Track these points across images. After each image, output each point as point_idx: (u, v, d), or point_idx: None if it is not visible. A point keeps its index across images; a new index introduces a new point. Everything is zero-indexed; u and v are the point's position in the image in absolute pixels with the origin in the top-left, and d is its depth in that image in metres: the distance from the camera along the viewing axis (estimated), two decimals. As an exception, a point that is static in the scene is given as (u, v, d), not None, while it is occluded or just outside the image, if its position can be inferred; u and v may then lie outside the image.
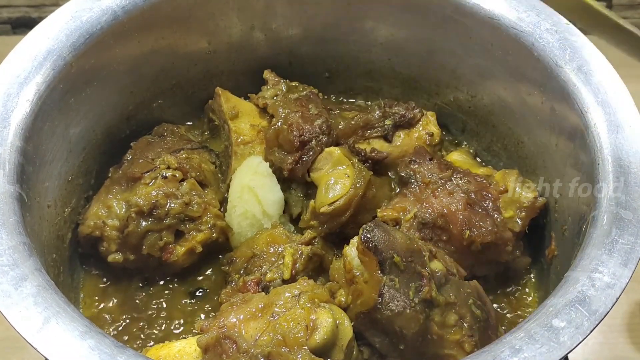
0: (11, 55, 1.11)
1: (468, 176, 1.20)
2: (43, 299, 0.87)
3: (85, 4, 1.18)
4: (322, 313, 0.95)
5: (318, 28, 1.40)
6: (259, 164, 1.28)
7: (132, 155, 1.27)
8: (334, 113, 1.35)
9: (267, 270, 1.14)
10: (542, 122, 1.21)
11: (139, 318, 1.20)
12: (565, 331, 0.84)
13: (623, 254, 0.91)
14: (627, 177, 1.00)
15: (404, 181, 1.21)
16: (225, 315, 0.98)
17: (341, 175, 1.21)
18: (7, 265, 0.89)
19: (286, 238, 1.18)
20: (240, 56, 1.43)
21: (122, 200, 1.19)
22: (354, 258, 1.00)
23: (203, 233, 1.21)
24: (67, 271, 1.21)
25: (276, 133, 1.26)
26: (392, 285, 0.95)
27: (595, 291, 0.88)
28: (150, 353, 1.05)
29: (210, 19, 1.33)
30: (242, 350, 0.92)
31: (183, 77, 1.40)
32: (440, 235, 1.14)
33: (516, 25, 1.17)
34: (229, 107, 1.35)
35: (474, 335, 0.99)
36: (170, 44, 1.32)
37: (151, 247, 1.18)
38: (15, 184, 1.00)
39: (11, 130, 1.03)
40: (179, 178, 1.21)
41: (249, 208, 1.24)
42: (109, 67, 1.23)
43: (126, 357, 0.82)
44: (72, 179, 1.22)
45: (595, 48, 1.14)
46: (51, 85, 1.10)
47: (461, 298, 1.01)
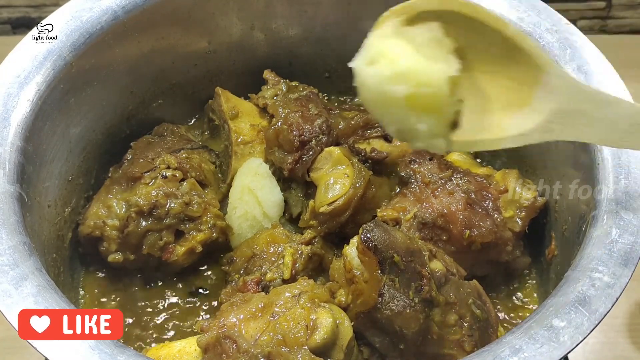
0: (11, 55, 1.11)
1: (468, 176, 1.20)
2: (43, 299, 0.87)
3: (85, 4, 1.18)
4: (322, 313, 0.95)
5: (318, 28, 1.40)
6: (259, 165, 1.28)
7: (132, 155, 1.27)
8: (334, 113, 1.35)
9: (267, 270, 1.14)
10: (542, 122, 1.21)
11: (138, 318, 1.20)
12: (566, 331, 0.84)
13: (623, 253, 0.91)
14: (627, 177, 1.00)
15: (404, 181, 1.21)
16: (225, 315, 0.98)
17: (341, 175, 1.21)
18: (8, 265, 0.90)
19: (286, 238, 1.18)
20: (240, 56, 1.43)
21: (122, 200, 1.19)
22: (354, 258, 1.00)
23: (203, 233, 1.21)
24: (67, 271, 1.21)
25: (276, 133, 1.27)
26: (392, 285, 0.95)
27: (595, 291, 0.88)
28: (151, 353, 1.05)
29: (210, 19, 1.33)
30: (242, 350, 0.92)
31: (183, 77, 1.40)
32: (440, 235, 1.14)
33: (516, 25, 1.17)
34: (229, 107, 1.35)
35: (474, 335, 0.99)
36: (170, 44, 1.32)
37: (151, 246, 1.18)
38: (15, 183, 1.00)
39: (11, 130, 1.03)
40: (179, 178, 1.22)
41: (249, 209, 1.25)
42: (109, 67, 1.23)
43: (126, 356, 0.82)
44: (72, 179, 1.22)
45: (596, 48, 1.14)
46: (51, 85, 1.10)
47: (461, 298, 1.01)
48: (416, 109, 0.81)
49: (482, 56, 0.86)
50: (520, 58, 0.84)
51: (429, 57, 0.80)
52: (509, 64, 0.85)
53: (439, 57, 0.81)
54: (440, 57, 0.81)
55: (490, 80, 0.87)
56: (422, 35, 0.81)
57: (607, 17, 2.24)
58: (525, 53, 0.84)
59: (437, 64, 0.80)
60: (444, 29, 0.81)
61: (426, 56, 0.80)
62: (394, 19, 0.82)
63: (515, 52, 0.84)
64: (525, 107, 0.86)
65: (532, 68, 0.84)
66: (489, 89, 0.87)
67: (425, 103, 0.81)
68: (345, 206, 1.18)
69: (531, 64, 0.84)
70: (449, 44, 0.82)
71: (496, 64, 0.86)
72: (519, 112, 0.87)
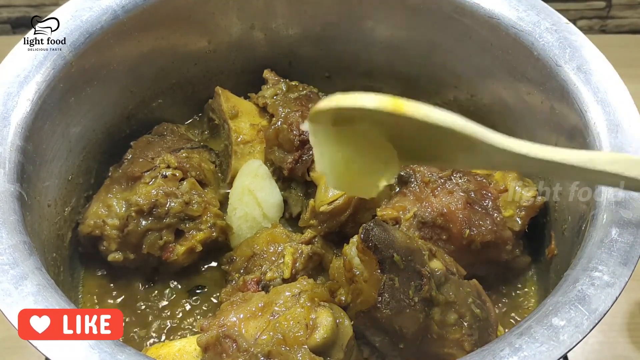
0: (11, 55, 1.11)
1: (468, 175, 1.20)
2: (43, 298, 0.87)
3: (85, 3, 1.18)
4: (322, 312, 0.95)
5: (318, 28, 1.40)
6: (259, 167, 1.28)
7: (132, 154, 1.27)
8: (334, 112, 1.35)
9: (267, 270, 1.14)
10: (541, 121, 1.21)
11: (138, 317, 1.20)
12: (565, 330, 0.84)
13: (623, 253, 0.91)
14: (626, 176, 1.00)
15: (403, 180, 1.21)
16: (225, 314, 0.98)
17: (341, 174, 1.21)
18: (8, 264, 0.90)
19: (286, 237, 1.18)
20: (240, 56, 1.43)
21: (122, 200, 1.19)
22: (354, 257, 1.00)
23: (203, 232, 1.21)
24: (67, 270, 1.21)
25: (276, 132, 1.27)
26: (391, 284, 0.95)
27: (595, 290, 0.88)
28: (151, 352, 1.05)
29: (210, 18, 1.33)
30: (242, 349, 0.92)
31: (183, 77, 1.40)
32: (440, 234, 1.14)
33: (516, 25, 1.17)
34: (228, 106, 1.35)
35: (474, 334, 0.99)
36: (170, 44, 1.32)
37: (151, 246, 1.18)
38: (15, 182, 1.00)
39: (11, 129, 1.03)
40: (179, 177, 1.22)
41: (249, 210, 1.25)
42: (109, 67, 1.23)
43: (126, 355, 0.82)
44: (72, 178, 1.22)
45: (595, 47, 1.14)
46: (51, 85, 1.10)
47: (461, 297, 1.01)
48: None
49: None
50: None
51: (365, 172, 0.87)
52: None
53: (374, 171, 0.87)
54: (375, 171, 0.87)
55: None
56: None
57: (607, 17, 2.24)
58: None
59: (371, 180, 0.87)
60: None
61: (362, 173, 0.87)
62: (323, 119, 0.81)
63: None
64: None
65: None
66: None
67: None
68: (345, 205, 1.18)
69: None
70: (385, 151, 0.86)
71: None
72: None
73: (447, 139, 0.80)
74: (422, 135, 0.80)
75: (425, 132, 0.79)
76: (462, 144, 0.81)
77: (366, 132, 0.82)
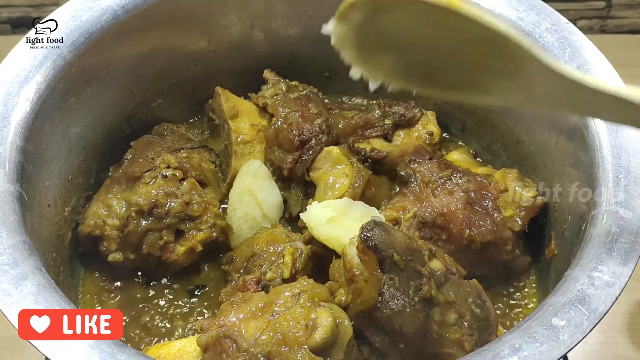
0: (11, 55, 1.11)
1: (468, 175, 1.20)
2: (43, 298, 0.87)
3: (85, 3, 1.18)
4: (322, 312, 0.95)
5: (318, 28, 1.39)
6: (259, 167, 1.28)
7: (132, 154, 1.27)
8: (333, 112, 1.35)
9: (267, 270, 1.14)
10: (541, 121, 1.21)
11: (138, 317, 1.20)
12: (565, 330, 0.84)
13: (623, 252, 0.91)
14: (626, 176, 1.00)
15: (403, 180, 1.21)
16: (225, 315, 0.98)
17: (340, 174, 1.21)
18: (8, 264, 0.90)
19: (286, 237, 1.18)
20: (240, 56, 1.43)
21: (122, 200, 1.19)
22: (354, 257, 0.99)
23: (203, 232, 1.21)
24: (67, 270, 1.21)
25: (276, 132, 1.27)
26: (391, 284, 0.95)
27: (594, 290, 0.88)
28: (151, 352, 1.05)
29: (210, 18, 1.33)
30: (242, 349, 0.92)
31: (183, 77, 1.40)
32: (440, 234, 1.14)
33: (516, 25, 1.17)
34: (228, 106, 1.35)
35: (474, 334, 0.99)
36: (170, 44, 1.32)
37: (151, 246, 1.18)
38: (15, 182, 1.00)
39: (11, 129, 1.03)
40: (179, 177, 1.22)
41: (249, 211, 1.25)
42: (109, 67, 1.23)
43: (126, 355, 0.82)
44: (72, 178, 1.22)
45: (595, 47, 1.14)
46: (51, 85, 1.10)
47: (461, 297, 1.01)
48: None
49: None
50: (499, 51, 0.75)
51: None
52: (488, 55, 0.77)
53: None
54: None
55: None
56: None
57: (607, 17, 2.24)
58: (504, 43, 0.73)
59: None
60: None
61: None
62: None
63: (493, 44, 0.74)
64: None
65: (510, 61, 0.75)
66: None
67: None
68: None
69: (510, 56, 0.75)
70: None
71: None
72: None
73: (494, 55, 0.72)
74: (464, 47, 0.72)
75: (469, 43, 0.71)
76: (507, 67, 0.72)
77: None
